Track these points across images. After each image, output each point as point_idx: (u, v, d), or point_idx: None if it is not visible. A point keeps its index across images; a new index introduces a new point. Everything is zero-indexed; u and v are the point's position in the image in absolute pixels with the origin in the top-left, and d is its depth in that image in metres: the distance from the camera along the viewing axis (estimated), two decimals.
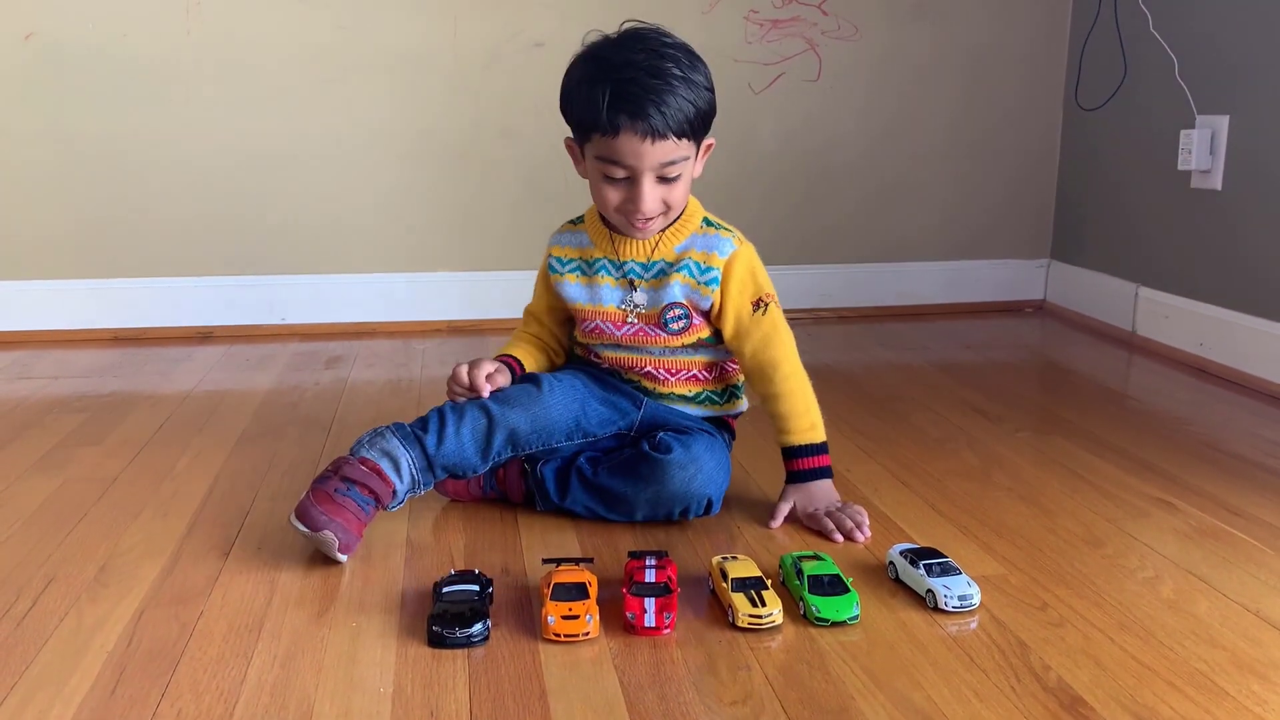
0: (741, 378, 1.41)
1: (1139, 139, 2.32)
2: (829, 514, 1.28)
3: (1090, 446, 1.60)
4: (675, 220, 1.31)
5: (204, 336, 2.39)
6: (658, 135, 1.18)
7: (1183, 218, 2.18)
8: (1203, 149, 2.09)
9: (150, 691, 0.94)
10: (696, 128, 1.22)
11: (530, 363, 1.40)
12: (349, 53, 2.34)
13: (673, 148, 1.20)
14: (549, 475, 1.32)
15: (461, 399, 1.30)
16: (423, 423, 1.28)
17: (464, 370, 1.31)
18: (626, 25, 1.25)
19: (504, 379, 1.32)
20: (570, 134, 1.28)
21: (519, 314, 1.47)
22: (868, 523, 1.27)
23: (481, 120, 2.40)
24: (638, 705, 0.92)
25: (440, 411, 1.29)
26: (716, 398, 1.39)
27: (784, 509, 1.31)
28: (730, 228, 1.34)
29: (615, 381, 1.37)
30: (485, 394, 1.29)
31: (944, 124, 2.58)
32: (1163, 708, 0.91)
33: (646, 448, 1.29)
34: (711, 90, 1.24)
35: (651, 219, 1.26)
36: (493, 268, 2.45)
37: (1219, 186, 2.07)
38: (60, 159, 2.29)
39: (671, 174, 1.23)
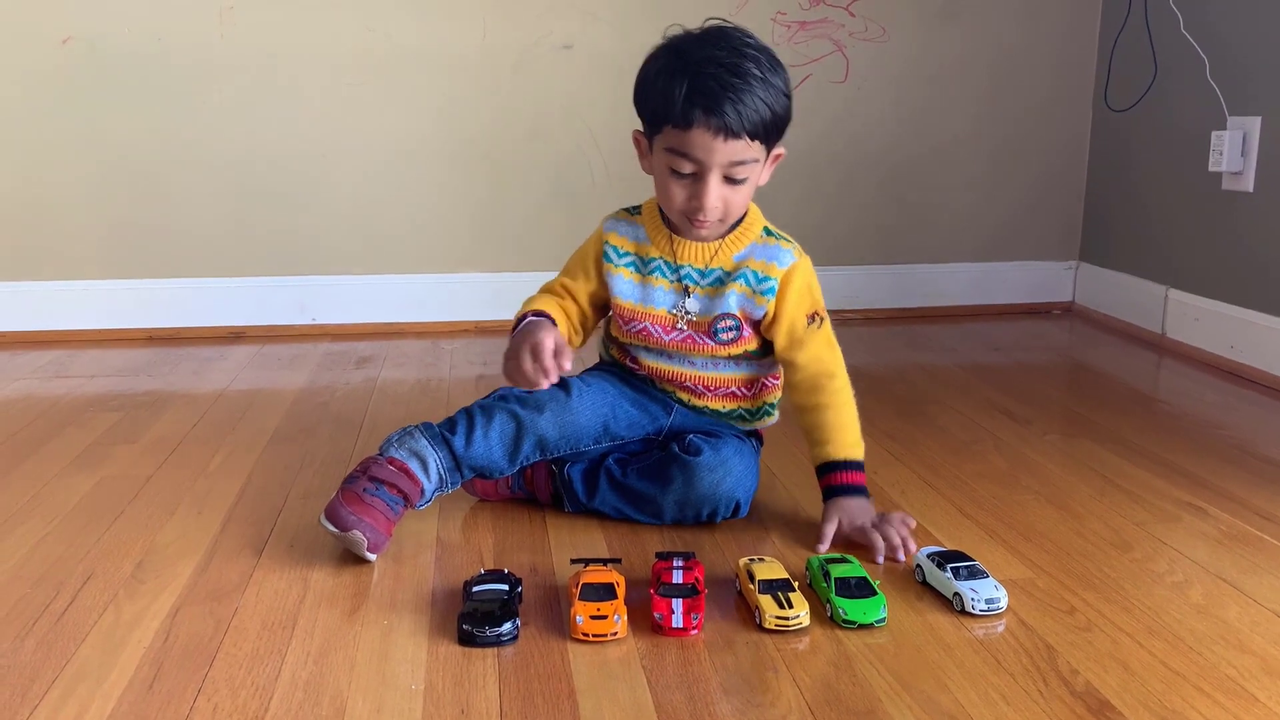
0: (775, 396, 1.38)
1: (1169, 140, 2.30)
2: (876, 527, 1.23)
3: (1119, 450, 1.60)
4: (734, 228, 1.29)
5: (236, 336, 2.42)
6: (730, 133, 1.16)
7: (1214, 220, 2.17)
8: (1234, 150, 2.07)
9: (187, 687, 0.96)
10: (770, 131, 1.20)
11: (561, 325, 1.31)
12: (379, 55, 2.36)
13: (743, 148, 1.18)
14: (576, 476, 1.33)
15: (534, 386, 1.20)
16: (451, 424, 1.29)
17: (529, 365, 1.18)
18: (710, 23, 1.23)
19: (567, 352, 1.20)
20: (640, 127, 1.27)
21: None
22: (912, 534, 1.24)
23: (510, 122, 2.42)
24: (665, 705, 0.93)
25: (469, 412, 1.30)
26: (748, 415, 1.37)
27: (830, 529, 1.25)
28: (790, 239, 1.32)
29: (647, 387, 1.37)
30: (563, 373, 1.20)
31: (972, 125, 2.57)
32: (1191, 713, 0.91)
33: (676, 449, 1.30)
34: (789, 97, 1.22)
35: (710, 221, 1.24)
36: (520, 269, 2.46)
37: (1250, 188, 2.06)
38: (97, 161, 2.32)
39: (739, 175, 1.20)
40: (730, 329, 1.30)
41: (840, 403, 1.30)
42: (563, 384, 1.31)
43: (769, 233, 1.31)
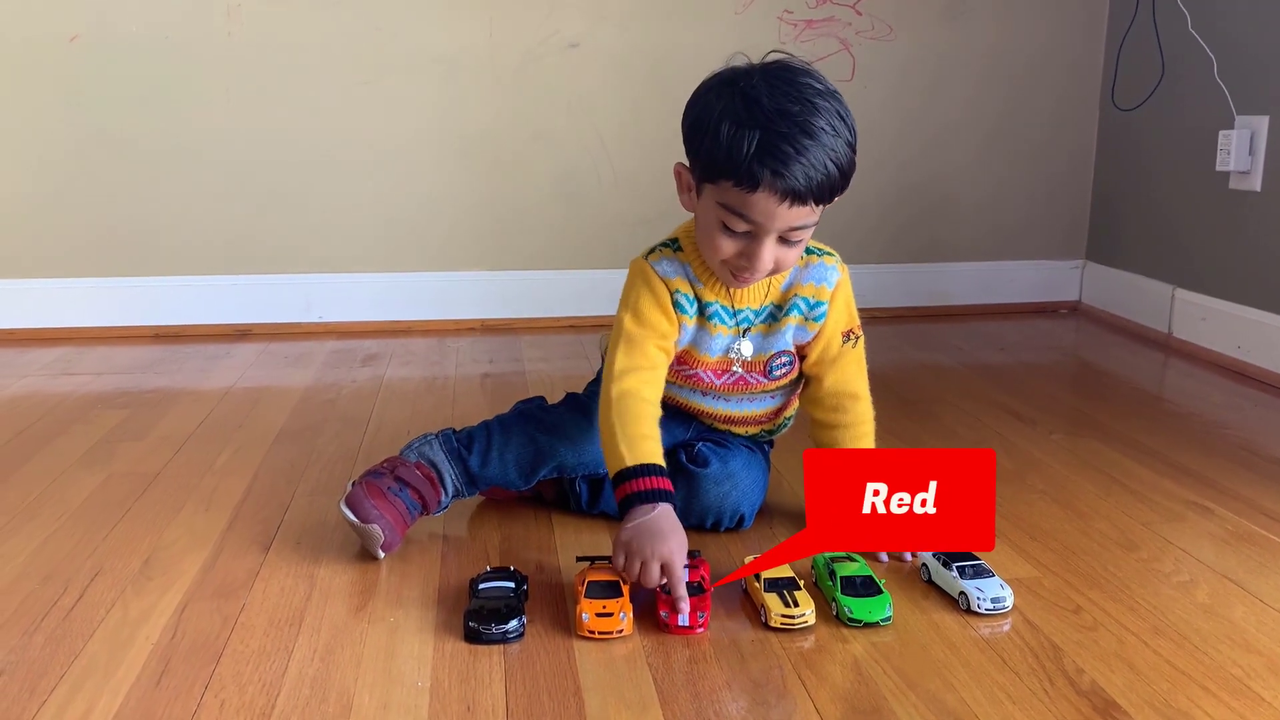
0: (794, 409, 1.35)
1: (1177, 139, 2.30)
2: None
3: (1125, 449, 1.60)
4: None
5: (242, 334, 2.42)
6: (797, 199, 1.06)
7: (1221, 219, 2.16)
8: (1242, 149, 2.07)
9: (194, 683, 0.96)
10: (835, 193, 1.10)
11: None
12: (385, 54, 2.36)
13: (807, 213, 1.09)
14: (583, 484, 1.33)
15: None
16: (468, 439, 1.28)
17: (654, 579, 1.08)
18: (775, 58, 1.11)
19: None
20: (684, 160, 1.15)
21: (551, 313, 1.45)
22: None
23: (516, 121, 2.42)
24: (671, 703, 0.93)
25: (488, 428, 1.29)
26: (765, 435, 1.36)
27: None
28: (828, 249, 1.24)
29: (672, 412, 1.30)
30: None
31: (978, 123, 2.57)
32: (1197, 713, 0.91)
33: (684, 459, 1.28)
34: (854, 150, 1.10)
35: (756, 279, 1.16)
36: (526, 267, 2.46)
37: (1258, 187, 2.05)
38: (104, 158, 2.33)
39: (795, 238, 1.12)
40: (785, 364, 1.25)
41: (860, 422, 1.27)
42: (584, 409, 1.29)
43: (811, 250, 1.22)
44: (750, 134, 1.04)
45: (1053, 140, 2.60)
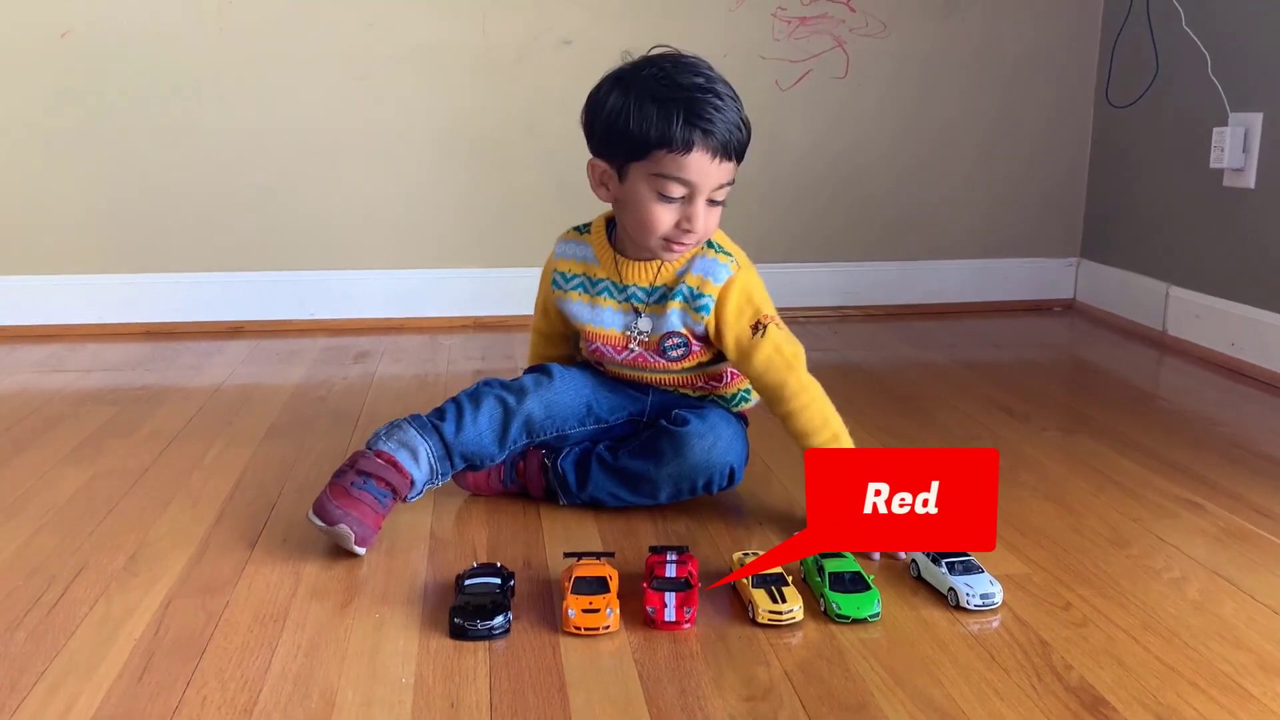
0: (746, 383, 1.38)
1: (1171, 137, 2.29)
2: None
3: (1118, 446, 1.59)
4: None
5: (234, 331, 2.41)
6: (725, 155, 1.20)
7: (1215, 216, 2.16)
8: (1235, 147, 2.06)
9: (177, 679, 0.95)
10: (745, 149, 1.24)
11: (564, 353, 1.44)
12: (378, 50, 2.35)
13: (731, 169, 1.23)
14: (569, 468, 1.33)
15: None
16: (440, 412, 1.30)
17: None
18: (660, 50, 1.25)
19: None
20: (592, 156, 1.29)
21: None
22: None
23: (509, 117, 2.41)
24: (657, 699, 0.92)
25: (456, 401, 1.31)
26: (722, 400, 1.40)
27: None
28: (731, 250, 1.31)
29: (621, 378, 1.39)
30: None
31: (972, 121, 2.56)
32: (1186, 709, 0.90)
33: (664, 424, 1.31)
34: None
35: (693, 243, 1.27)
36: (518, 264, 2.45)
37: (1252, 185, 2.05)
38: (95, 155, 2.32)
39: (720, 196, 1.24)
40: (678, 346, 1.32)
41: (800, 407, 1.28)
42: (545, 370, 1.35)
43: (711, 245, 1.30)
44: (675, 106, 1.19)
45: (1047, 138, 2.59)
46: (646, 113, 1.19)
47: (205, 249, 2.39)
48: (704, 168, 1.20)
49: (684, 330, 1.31)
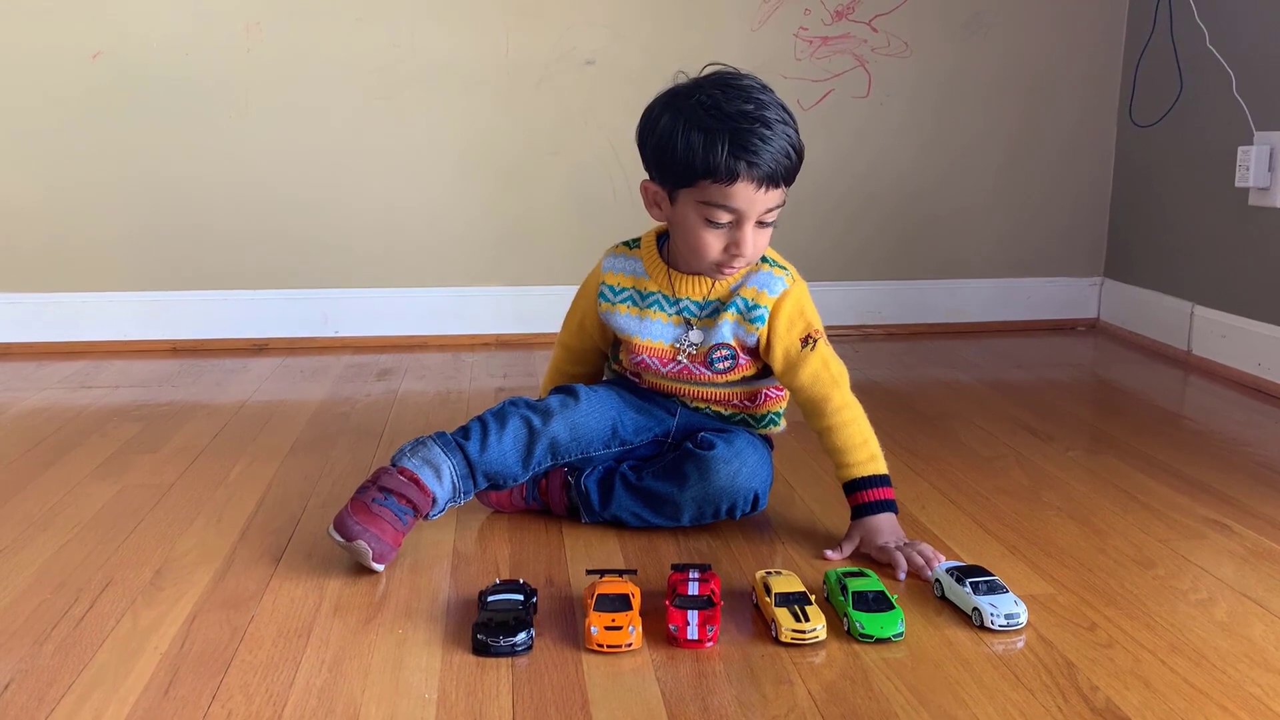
0: (779, 406, 1.40)
1: (1195, 155, 2.28)
2: (899, 548, 1.22)
3: (1143, 467, 1.58)
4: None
5: (259, 348, 2.43)
6: (770, 183, 1.20)
7: (1240, 236, 2.15)
8: (1261, 166, 2.05)
9: (202, 693, 0.96)
10: (795, 173, 1.23)
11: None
12: (403, 71, 2.38)
13: (779, 195, 1.22)
14: (592, 487, 1.33)
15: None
16: (464, 430, 1.30)
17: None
18: (714, 69, 1.24)
19: None
20: (648, 177, 1.28)
21: None
22: (938, 563, 1.20)
23: (532, 137, 2.43)
24: (679, 717, 0.92)
25: (482, 420, 1.31)
26: (752, 421, 1.39)
27: (849, 546, 1.26)
28: (786, 265, 1.33)
29: (651, 394, 1.39)
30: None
31: (996, 140, 2.56)
32: None
33: (690, 446, 1.31)
34: (799, 133, 1.24)
35: (742, 266, 1.27)
36: (541, 283, 2.47)
37: (1277, 204, 2.03)
38: (124, 175, 2.35)
39: (769, 220, 1.24)
40: (725, 358, 1.32)
41: (841, 423, 1.29)
42: (571, 391, 1.34)
43: (766, 260, 1.32)
44: (721, 136, 1.18)
45: (1070, 157, 2.59)
46: (693, 142, 1.19)
47: (231, 267, 2.42)
48: (749, 196, 1.20)
49: (734, 342, 1.31)
